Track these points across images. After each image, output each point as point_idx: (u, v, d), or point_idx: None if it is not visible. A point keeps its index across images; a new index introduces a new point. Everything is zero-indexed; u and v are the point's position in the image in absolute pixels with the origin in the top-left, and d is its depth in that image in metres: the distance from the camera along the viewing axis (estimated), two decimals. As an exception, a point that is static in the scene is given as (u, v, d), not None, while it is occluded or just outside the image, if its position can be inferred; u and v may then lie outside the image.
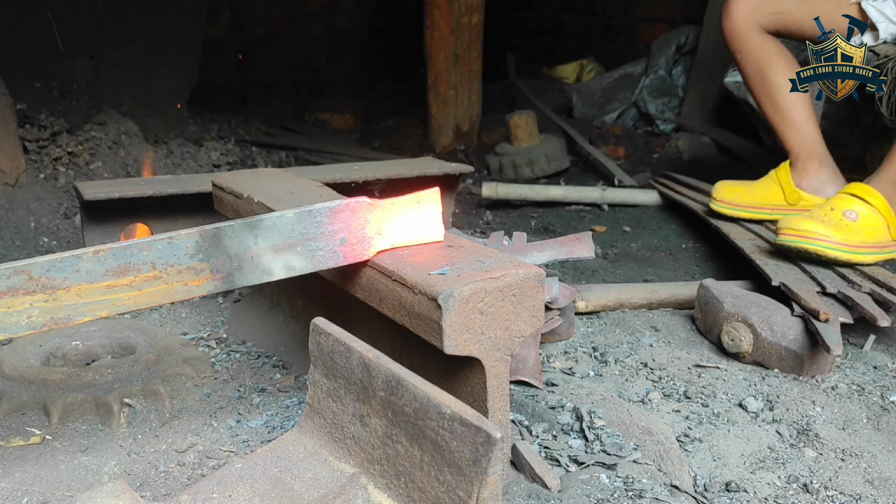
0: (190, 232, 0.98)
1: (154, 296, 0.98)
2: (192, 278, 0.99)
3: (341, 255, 1.05)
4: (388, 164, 2.09)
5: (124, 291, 0.96)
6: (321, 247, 1.04)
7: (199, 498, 0.88)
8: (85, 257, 0.93)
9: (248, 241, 1.01)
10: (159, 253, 0.97)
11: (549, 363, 1.47)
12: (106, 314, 0.96)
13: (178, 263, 0.98)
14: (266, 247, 1.01)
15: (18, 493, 1.03)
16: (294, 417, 1.23)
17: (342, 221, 1.04)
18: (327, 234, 1.03)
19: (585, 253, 1.56)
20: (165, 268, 0.97)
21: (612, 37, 4.67)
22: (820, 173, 2.05)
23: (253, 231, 1.01)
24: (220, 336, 1.57)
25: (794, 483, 1.11)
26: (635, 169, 3.42)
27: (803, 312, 1.45)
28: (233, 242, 1.00)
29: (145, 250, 0.96)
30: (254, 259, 1.01)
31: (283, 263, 1.03)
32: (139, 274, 0.96)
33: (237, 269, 1.01)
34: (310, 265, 1.04)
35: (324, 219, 1.03)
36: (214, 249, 0.99)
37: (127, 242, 0.96)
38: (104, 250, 0.94)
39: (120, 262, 0.95)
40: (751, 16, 2.06)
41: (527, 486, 1.03)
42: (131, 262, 0.96)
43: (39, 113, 2.62)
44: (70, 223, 2.35)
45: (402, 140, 4.17)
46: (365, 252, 1.06)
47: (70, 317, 0.94)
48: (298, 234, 1.03)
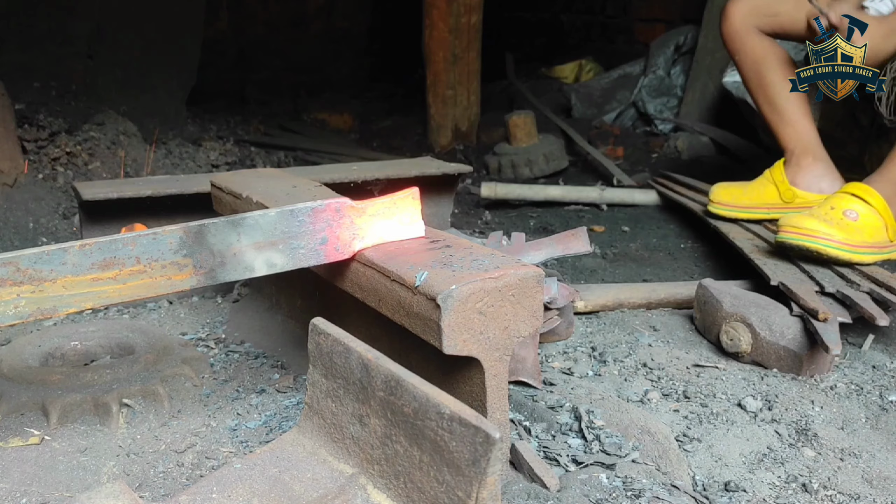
0: (174, 228, 1.01)
1: (138, 289, 1.01)
2: (176, 273, 1.02)
3: (322, 254, 1.08)
4: (387, 164, 2.09)
5: (109, 284, 0.99)
6: (302, 245, 1.06)
7: (198, 498, 0.88)
8: (71, 251, 0.96)
9: (230, 239, 1.04)
10: (144, 248, 1.00)
11: (548, 363, 1.47)
12: (91, 306, 0.99)
13: (161, 258, 1.01)
14: (248, 244, 1.04)
15: (17, 494, 1.03)
16: (293, 418, 1.23)
17: (323, 221, 1.06)
18: (309, 234, 1.06)
19: (582, 248, 1.56)
20: (150, 262, 1.01)
21: (611, 37, 4.67)
22: (814, 168, 2.06)
23: (236, 229, 1.04)
24: (219, 336, 1.57)
25: (793, 482, 1.11)
26: (634, 169, 3.42)
27: (802, 312, 1.45)
28: (216, 239, 1.03)
29: (130, 245, 0.99)
30: (236, 255, 1.04)
31: (264, 260, 1.06)
32: (124, 268, 0.99)
33: (220, 265, 1.04)
34: (291, 262, 1.07)
35: (305, 218, 1.06)
36: (198, 246, 1.02)
37: (112, 237, 0.99)
38: (90, 244, 0.97)
39: (105, 256, 0.98)
40: (748, 18, 2.08)
41: (526, 485, 1.03)
42: (116, 255, 0.99)
43: (38, 113, 2.62)
44: (69, 223, 2.35)
45: (401, 140, 4.17)
46: (346, 251, 1.08)
47: (56, 307, 0.97)
48: (280, 232, 1.05)
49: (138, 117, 3.05)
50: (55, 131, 2.61)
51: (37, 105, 2.65)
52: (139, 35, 3.08)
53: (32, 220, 2.32)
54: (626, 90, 4.06)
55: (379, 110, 4.80)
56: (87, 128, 2.74)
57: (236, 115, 4.26)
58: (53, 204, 2.42)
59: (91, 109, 2.86)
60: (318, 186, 1.43)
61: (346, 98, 4.89)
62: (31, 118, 2.58)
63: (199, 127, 3.66)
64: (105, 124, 2.81)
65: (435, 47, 3.85)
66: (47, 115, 2.63)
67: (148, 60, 3.16)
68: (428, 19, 3.82)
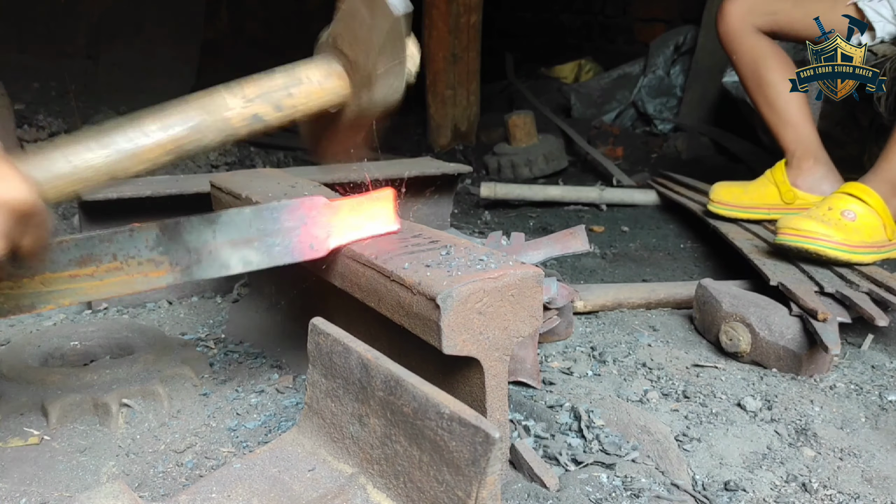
0: (150, 225, 1.03)
1: (115, 286, 1.03)
2: (152, 269, 1.04)
3: (298, 251, 1.09)
4: (387, 164, 2.09)
5: (86, 281, 1.01)
6: (277, 242, 1.07)
7: (197, 498, 0.88)
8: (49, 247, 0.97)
9: (206, 236, 1.05)
10: (120, 245, 1.02)
11: (547, 363, 1.47)
12: (68, 303, 1.01)
13: (138, 255, 1.03)
14: (224, 241, 1.05)
15: (17, 494, 1.03)
16: (292, 418, 1.23)
17: (297, 219, 1.07)
18: (283, 231, 1.07)
19: (580, 247, 1.56)
20: (126, 259, 1.02)
21: (611, 37, 4.67)
22: (815, 171, 2.06)
23: (211, 226, 1.05)
24: (219, 336, 1.57)
25: (793, 482, 1.11)
26: (633, 169, 3.42)
27: (801, 312, 1.45)
28: (191, 236, 1.04)
29: (107, 241, 1.01)
30: (212, 253, 1.05)
31: (240, 258, 1.06)
32: (101, 264, 1.01)
33: (196, 263, 1.05)
34: (267, 260, 1.08)
35: (280, 216, 1.06)
36: (174, 243, 1.04)
37: (89, 234, 1.01)
38: (67, 241, 0.99)
39: (83, 253, 1.00)
40: (746, 17, 2.07)
41: (525, 485, 1.03)
42: (93, 252, 1.01)
43: (38, 113, 2.62)
44: (68, 224, 2.35)
45: (401, 140, 4.17)
46: (321, 248, 1.09)
47: (34, 304, 1.00)
48: (255, 230, 1.06)
49: (138, 117, 3.05)
50: (55, 131, 2.61)
51: (36, 105, 2.65)
52: (139, 35, 3.08)
53: (32, 221, 2.31)
54: (625, 90, 4.07)
55: (378, 110, 4.79)
56: (87, 128, 2.74)
57: (236, 115, 4.25)
58: (52, 204, 2.42)
59: (90, 109, 2.86)
60: (317, 186, 1.43)
61: (345, 98, 4.88)
62: (30, 118, 2.58)
63: (199, 127, 3.65)
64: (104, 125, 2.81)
65: (434, 47, 3.85)
66: (47, 115, 2.63)
67: (147, 60, 3.16)
68: (427, 19, 3.82)
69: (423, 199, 2.05)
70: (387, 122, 1.23)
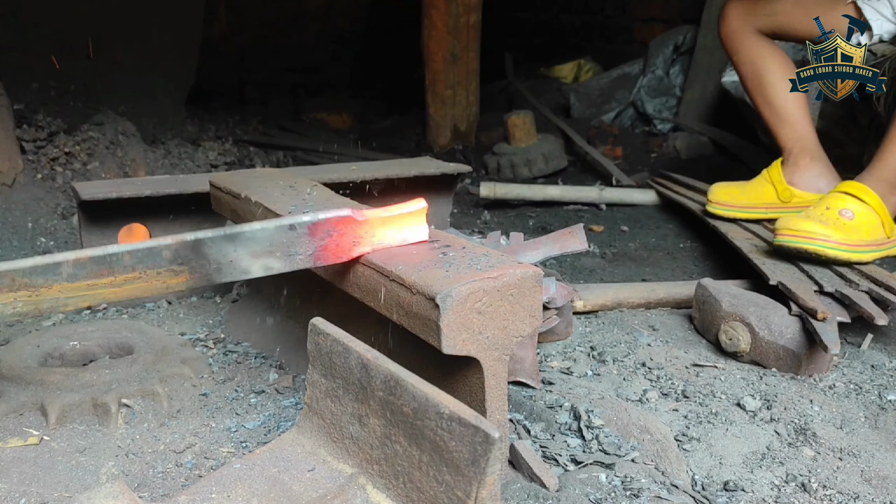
0: (170, 243, 1.02)
1: (134, 291, 1.03)
2: (172, 278, 1.04)
3: (320, 260, 1.08)
4: (386, 164, 2.09)
5: (105, 288, 1.01)
6: (300, 252, 1.07)
7: (197, 498, 0.88)
8: (65, 264, 0.98)
9: (227, 250, 1.05)
10: (139, 260, 1.02)
11: (546, 363, 1.47)
12: (88, 304, 1.02)
13: (157, 267, 1.03)
14: (245, 253, 1.05)
15: (16, 494, 1.03)
16: (292, 418, 1.23)
17: (323, 232, 1.06)
18: (307, 243, 1.07)
19: (579, 246, 1.55)
20: (145, 270, 1.02)
21: (610, 36, 4.67)
22: (812, 168, 2.06)
23: (233, 242, 1.04)
24: (218, 336, 1.57)
25: (793, 482, 1.11)
26: (633, 168, 3.42)
27: (801, 311, 1.45)
28: (212, 251, 1.04)
29: (125, 258, 1.01)
30: (233, 262, 1.05)
31: (261, 265, 1.07)
32: (119, 275, 1.01)
33: (216, 271, 1.05)
34: (288, 266, 1.08)
35: (304, 230, 1.06)
36: (194, 254, 1.04)
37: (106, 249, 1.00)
38: (83, 259, 0.98)
39: (101, 268, 1.00)
40: (746, 18, 2.08)
41: (525, 485, 1.03)
42: (112, 267, 1.01)
43: (37, 113, 2.61)
44: (68, 223, 2.35)
45: (400, 140, 4.17)
46: (344, 256, 1.08)
47: (54, 307, 1.00)
48: (278, 244, 1.06)
49: (137, 117, 3.05)
50: (54, 131, 2.60)
51: (36, 105, 2.64)
52: (138, 35, 3.08)
53: (31, 221, 2.31)
54: (625, 90, 4.06)
55: (378, 110, 4.80)
56: (86, 128, 2.74)
57: (235, 115, 4.25)
58: (52, 204, 2.42)
59: (90, 109, 2.86)
60: (317, 186, 1.43)
61: (344, 98, 4.89)
62: (29, 118, 2.58)
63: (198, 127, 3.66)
64: (104, 124, 2.81)
65: (434, 47, 3.85)
66: (46, 115, 2.63)
67: (147, 60, 3.16)
68: (427, 19, 3.82)
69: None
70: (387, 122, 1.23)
